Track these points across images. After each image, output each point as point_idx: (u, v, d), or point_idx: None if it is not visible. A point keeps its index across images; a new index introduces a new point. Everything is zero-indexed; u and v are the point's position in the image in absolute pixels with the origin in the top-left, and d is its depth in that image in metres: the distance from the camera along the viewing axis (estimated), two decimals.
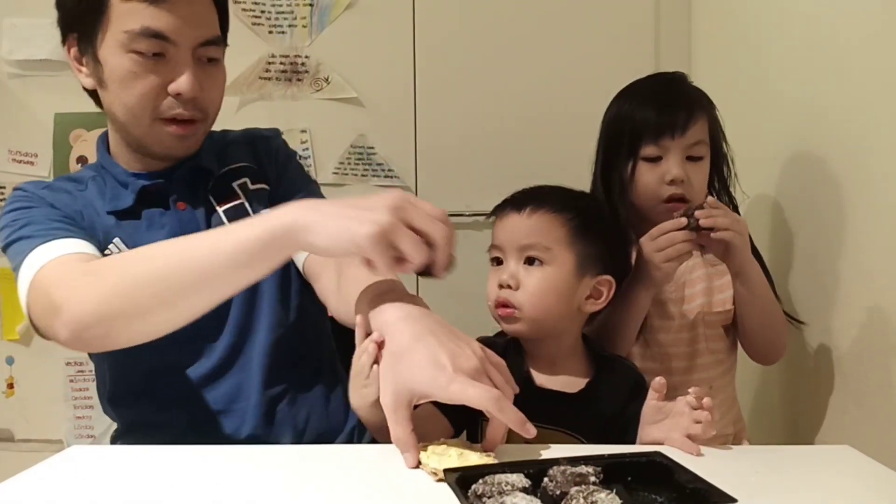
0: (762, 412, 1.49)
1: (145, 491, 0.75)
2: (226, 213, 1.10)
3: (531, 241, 1.01)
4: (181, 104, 1.02)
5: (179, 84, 1.00)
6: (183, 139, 1.05)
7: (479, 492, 0.67)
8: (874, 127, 1.10)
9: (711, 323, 1.21)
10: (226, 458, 0.85)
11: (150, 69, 1.00)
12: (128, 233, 1.05)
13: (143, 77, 1.00)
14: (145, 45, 0.98)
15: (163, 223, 1.07)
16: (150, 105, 1.01)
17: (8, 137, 1.97)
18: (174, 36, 0.99)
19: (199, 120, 1.05)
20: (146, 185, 1.08)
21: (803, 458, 0.86)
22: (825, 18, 1.25)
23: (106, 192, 1.09)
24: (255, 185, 1.14)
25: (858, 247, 1.15)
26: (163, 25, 0.98)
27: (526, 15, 1.96)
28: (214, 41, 1.04)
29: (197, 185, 1.11)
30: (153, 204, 1.08)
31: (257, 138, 1.21)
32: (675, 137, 1.16)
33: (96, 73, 1.03)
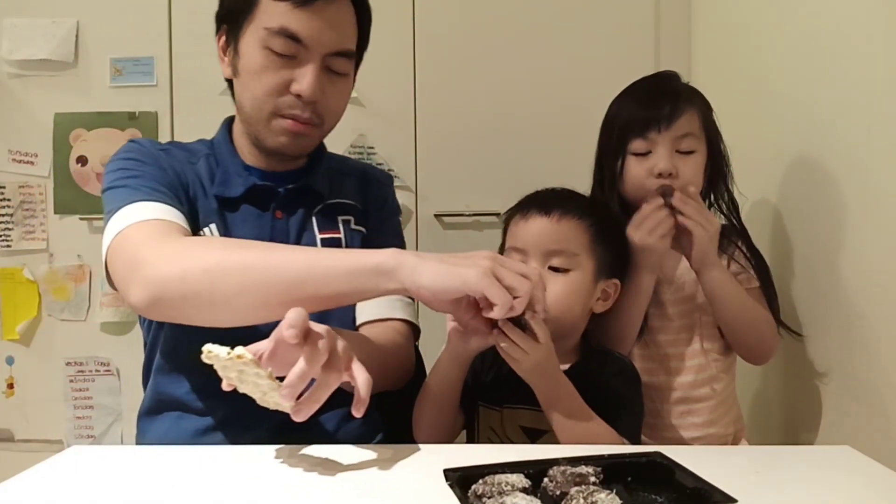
0: (762, 412, 1.48)
1: (145, 491, 0.75)
2: (323, 241, 1.12)
3: (561, 246, 1.02)
4: (300, 105, 1.05)
5: (301, 85, 1.04)
6: (296, 137, 1.08)
7: (479, 492, 0.68)
8: (874, 128, 1.10)
9: (708, 323, 1.21)
10: (226, 458, 0.85)
11: (280, 66, 1.04)
12: (224, 221, 1.08)
13: (272, 72, 1.04)
14: (279, 44, 1.03)
15: (256, 224, 1.09)
16: (272, 99, 1.05)
17: (8, 137, 1.97)
18: (308, 40, 1.03)
19: (315, 124, 1.08)
20: (258, 182, 1.10)
21: (803, 458, 0.87)
22: (825, 19, 1.25)
23: (216, 175, 1.11)
24: (356, 226, 1.17)
25: (858, 247, 1.15)
26: (299, 28, 1.02)
27: (526, 15, 1.96)
28: (346, 53, 1.08)
29: (303, 202, 1.13)
30: (255, 202, 1.10)
31: (371, 181, 1.24)
32: (661, 130, 1.16)
33: (234, 63, 1.08)
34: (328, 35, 1.04)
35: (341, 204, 1.17)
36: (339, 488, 0.75)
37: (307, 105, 1.05)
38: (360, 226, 1.18)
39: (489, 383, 1.06)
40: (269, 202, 1.11)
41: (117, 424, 1.97)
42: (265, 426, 0.98)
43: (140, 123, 1.94)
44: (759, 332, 1.19)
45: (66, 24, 1.93)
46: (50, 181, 1.97)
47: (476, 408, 1.06)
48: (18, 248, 1.98)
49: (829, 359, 1.23)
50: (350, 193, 1.19)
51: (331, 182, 1.18)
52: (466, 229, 1.96)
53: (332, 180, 1.18)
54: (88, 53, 1.93)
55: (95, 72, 1.93)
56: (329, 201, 1.16)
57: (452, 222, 1.97)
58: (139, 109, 1.95)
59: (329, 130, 1.14)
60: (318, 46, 1.04)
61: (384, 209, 1.24)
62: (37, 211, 1.98)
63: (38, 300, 1.98)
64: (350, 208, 1.18)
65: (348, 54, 1.09)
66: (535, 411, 1.00)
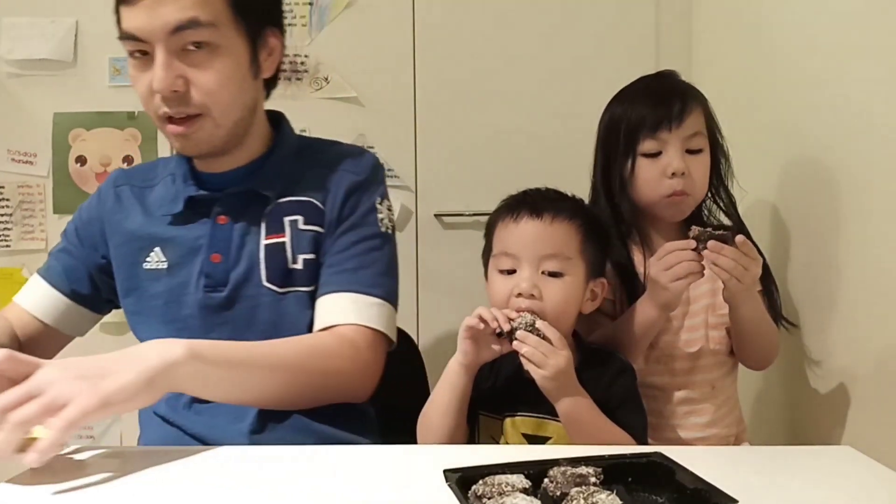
0: (763, 412, 1.48)
1: (145, 491, 0.75)
2: (267, 247, 1.06)
3: (555, 250, 1.00)
4: (166, 102, 0.99)
5: (153, 82, 0.97)
6: (185, 138, 1.01)
7: (479, 492, 0.67)
8: (874, 127, 1.10)
9: (714, 325, 1.20)
10: (225, 458, 0.85)
11: (142, 69, 1.00)
12: (170, 238, 1.08)
13: (138, 79, 1.01)
14: (128, 47, 1.00)
15: (198, 234, 1.08)
16: (149, 107, 1.01)
17: (7, 137, 1.96)
18: (141, 33, 0.97)
19: (198, 115, 1.00)
20: (193, 195, 1.08)
21: (803, 458, 0.86)
22: (825, 19, 1.25)
23: (168, 195, 1.11)
24: (306, 226, 1.07)
25: (858, 247, 1.15)
26: (131, 24, 0.97)
27: (526, 15, 1.95)
28: (188, 24, 0.96)
29: (251, 204, 1.08)
30: (196, 213, 1.08)
31: (338, 177, 1.10)
32: (672, 129, 1.15)
33: None
34: (157, 18, 0.95)
35: (292, 203, 1.08)
36: (339, 488, 0.75)
37: (171, 99, 0.98)
38: (312, 225, 1.07)
39: (488, 391, 1.04)
40: (211, 208, 1.08)
41: (117, 425, 1.97)
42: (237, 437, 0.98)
43: (139, 123, 1.94)
44: (768, 346, 1.19)
45: (66, 24, 1.92)
46: (49, 181, 1.97)
47: (476, 416, 1.05)
48: (17, 248, 1.98)
49: (830, 359, 1.23)
50: (308, 188, 1.09)
51: (286, 178, 1.09)
52: (466, 229, 1.96)
53: (287, 176, 1.10)
54: (88, 53, 1.92)
55: (95, 71, 1.93)
56: (280, 200, 1.08)
57: (452, 222, 1.97)
58: (138, 109, 1.94)
59: (227, 115, 1.02)
60: (152, 34, 0.96)
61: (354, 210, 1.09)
62: (36, 211, 1.97)
63: None
64: (303, 206, 1.08)
65: (193, 24, 0.96)
66: (538, 418, 0.99)
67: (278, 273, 1.06)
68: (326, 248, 1.07)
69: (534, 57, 1.95)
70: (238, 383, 0.94)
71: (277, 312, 1.05)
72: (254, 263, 1.06)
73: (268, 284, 1.05)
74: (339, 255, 1.07)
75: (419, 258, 1.99)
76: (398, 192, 1.97)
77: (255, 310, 1.05)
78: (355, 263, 1.07)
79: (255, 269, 1.06)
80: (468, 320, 0.97)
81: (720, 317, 1.19)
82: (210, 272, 1.06)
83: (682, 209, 1.19)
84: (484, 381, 1.04)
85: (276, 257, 1.06)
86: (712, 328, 1.20)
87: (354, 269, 1.06)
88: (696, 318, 1.20)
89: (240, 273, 1.06)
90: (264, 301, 1.05)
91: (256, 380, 0.95)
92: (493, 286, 1.04)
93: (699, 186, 1.18)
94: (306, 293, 1.07)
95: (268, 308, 1.05)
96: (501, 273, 1.03)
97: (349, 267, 1.06)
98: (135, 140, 1.95)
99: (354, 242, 1.08)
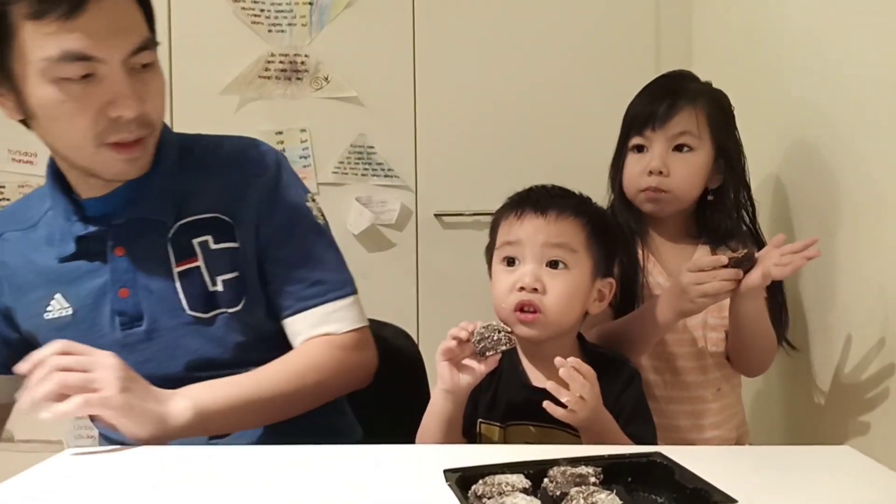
0: (763, 413, 1.48)
1: (145, 491, 0.75)
2: (180, 274, 1.00)
3: (560, 241, 0.99)
4: (124, 126, 0.91)
5: (119, 106, 0.89)
6: (134, 161, 0.95)
7: (479, 492, 0.67)
8: (874, 127, 1.10)
9: (714, 326, 1.20)
10: (225, 458, 0.85)
11: (80, 94, 0.88)
12: (68, 282, 1.01)
13: (75, 104, 0.88)
14: (70, 71, 0.86)
15: (96, 274, 1.00)
16: (90, 133, 0.90)
17: (7, 137, 1.96)
18: (100, 53, 0.87)
19: (147, 135, 0.95)
20: (81, 234, 0.99)
21: (803, 458, 0.86)
22: (825, 18, 1.25)
23: (55, 234, 1.01)
24: (219, 244, 1.01)
25: (859, 246, 1.15)
26: (84, 45, 0.85)
27: (526, 15, 1.95)
28: (145, 45, 0.92)
29: (147, 230, 1.00)
30: (90, 251, 1.00)
31: (242, 182, 1.03)
32: (656, 128, 1.18)
33: (20, 106, 0.91)
34: (117, 36, 0.88)
35: (195, 222, 1.01)
36: (339, 488, 0.75)
37: (132, 122, 0.91)
38: (225, 242, 1.01)
39: (489, 400, 1.02)
40: (105, 243, 0.99)
41: None
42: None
43: None
44: (763, 353, 1.19)
45: None
46: None
47: (477, 425, 1.03)
48: None
49: (830, 359, 1.23)
50: (207, 203, 1.01)
51: (177, 196, 1.01)
52: (466, 229, 1.96)
53: (177, 194, 1.01)
54: None
55: None
56: (181, 222, 1.00)
57: (452, 222, 1.97)
58: None
59: (160, 129, 0.99)
60: (113, 53, 0.88)
61: (262, 206, 1.03)
62: None
63: None
64: (208, 224, 1.01)
65: (147, 44, 0.92)
66: (542, 427, 0.98)
67: (199, 299, 1.00)
68: (264, 263, 1.03)
69: (534, 57, 1.95)
70: (241, 420, 0.97)
71: (204, 338, 1.01)
72: (169, 293, 1.00)
73: (192, 312, 1.00)
74: (288, 269, 1.03)
75: (419, 258, 1.99)
76: (398, 192, 1.98)
77: (180, 339, 1.01)
78: (308, 273, 1.04)
79: (173, 299, 1.00)
80: (442, 344, 0.92)
81: (721, 319, 1.19)
82: (122, 309, 1.00)
83: (660, 206, 1.21)
84: (483, 391, 1.01)
85: (193, 283, 1.00)
86: (711, 329, 1.20)
87: (312, 282, 1.03)
88: (696, 317, 1.20)
89: (154, 305, 1.00)
90: (189, 329, 1.01)
91: (259, 412, 0.98)
92: (496, 280, 1.02)
93: (681, 184, 1.18)
94: (234, 314, 1.02)
95: (193, 335, 1.01)
96: (504, 266, 1.01)
97: (305, 279, 1.03)
98: None
99: (297, 251, 1.04)
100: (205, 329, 1.01)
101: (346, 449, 0.88)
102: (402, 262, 1.97)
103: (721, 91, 1.26)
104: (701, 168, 1.19)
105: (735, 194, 1.23)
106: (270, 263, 1.03)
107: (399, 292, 1.96)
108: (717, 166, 1.21)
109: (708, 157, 1.20)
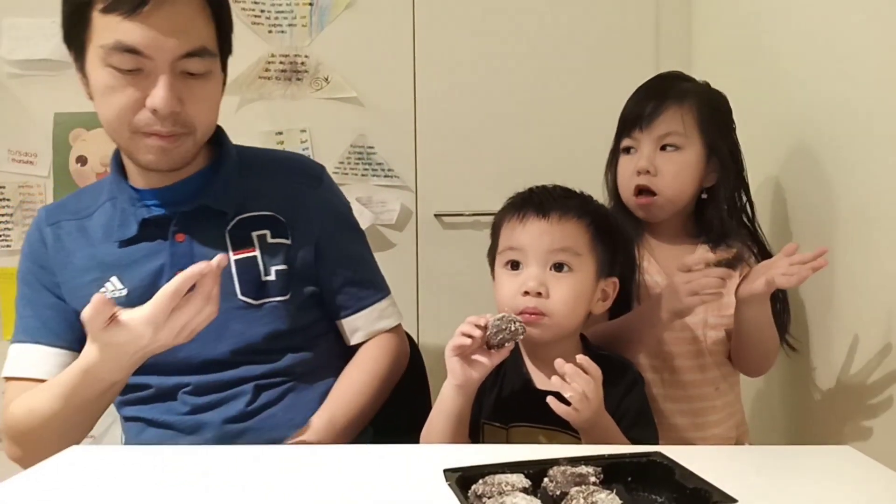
0: (763, 412, 1.48)
1: (145, 491, 0.75)
2: (237, 262, 1.08)
3: (564, 245, 0.99)
4: (159, 120, 0.98)
5: (154, 99, 0.97)
6: (165, 152, 1.02)
7: (479, 492, 0.67)
8: (874, 128, 1.10)
9: (714, 325, 1.20)
10: (225, 458, 0.85)
11: (128, 83, 0.97)
12: (127, 264, 1.07)
13: (120, 91, 0.98)
14: (119, 60, 0.96)
15: (155, 257, 1.06)
16: (126, 119, 0.99)
17: (8, 137, 1.96)
18: (148, 50, 0.95)
19: (183, 134, 1.02)
20: (146, 217, 1.07)
21: (803, 458, 0.86)
22: (824, 18, 1.25)
23: (115, 218, 1.09)
24: (274, 239, 1.11)
25: (858, 247, 1.15)
26: (136, 40, 0.95)
27: (526, 15, 1.95)
28: (197, 53, 0.99)
29: (208, 221, 1.08)
30: (152, 234, 1.07)
31: (293, 184, 1.15)
32: (643, 129, 1.19)
33: (87, 87, 1.02)
34: (170, 41, 0.96)
35: (255, 218, 1.11)
36: (339, 488, 0.75)
37: (166, 118, 0.98)
38: (280, 238, 1.11)
39: (493, 402, 1.03)
40: (167, 228, 1.07)
41: (117, 425, 1.95)
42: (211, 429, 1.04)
43: None
44: (766, 355, 1.19)
45: None
46: (50, 181, 1.97)
47: (480, 426, 1.03)
48: (18, 248, 1.95)
49: (830, 359, 1.23)
50: (266, 203, 1.12)
51: (238, 193, 1.11)
52: (466, 229, 1.96)
53: (239, 191, 1.11)
54: None
55: None
56: (241, 216, 1.10)
57: (452, 222, 1.97)
58: None
59: (206, 135, 1.07)
60: (161, 54, 0.96)
61: (318, 216, 1.15)
62: (36, 211, 1.97)
63: None
64: (267, 221, 1.11)
65: (201, 53, 1.00)
66: (547, 430, 0.98)
67: (252, 286, 1.08)
68: (321, 268, 1.14)
69: (533, 57, 1.95)
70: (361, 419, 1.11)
71: (250, 323, 1.08)
72: (224, 277, 1.02)
73: (243, 297, 1.08)
74: (344, 273, 1.16)
75: (419, 258, 1.99)
76: (398, 192, 1.98)
77: (228, 322, 1.05)
78: (361, 275, 1.19)
79: (227, 283, 1.05)
80: (453, 340, 0.94)
81: (721, 318, 1.19)
82: None
83: (651, 213, 1.22)
84: (487, 393, 1.02)
85: (248, 271, 1.08)
86: (711, 328, 1.20)
87: (365, 284, 1.19)
88: (696, 316, 1.19)
89: None
90: (238, 314, 1.07)
91: (368, 414, 1.13)
92: (500, 285, 1.02)
93: (669, 183, 1.18)
94: (280, 303, 1.10)
95: (240, 319, 1.07)
96: (508, 271, 1.01)
97: (360, 281, 1.18)
98: None
99: (349, 255, 1.18)
100: (252, 314, 1.08)
101: (347, 449, 0.89)
102: (402, 263, 1.97)
103: (717, 91, 1.26)
104: (689, 166, 1.19)
105: (729, 193, 1.23)
106: (328, 268, 1.15)
107: (399, 292, 1.92)
108: (711, 165, 1.21)
109: (697, 156, 1.19)
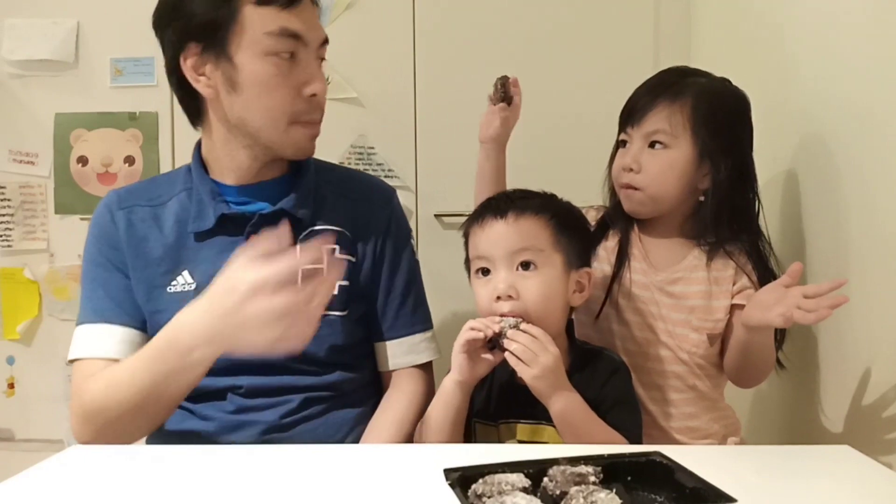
0: (763, 413, 1.48)
1: (145, 491, 0.75)
2: (304, 271, 1.06)
3: (525, 244, 1.01)
4: (315, 107, 1.07)
5: (314, 85, 1.05)
6: (313, 140, 1.11)
7: (479, 491, 0.68)
8: (876, 125, 1.10)
9: (697, 328, 1.17)
10: (225, 458, 0.85)
11: (287, 72, 1.04)
12: (199, 258, 1.08)
13: (282, 78, 1.03)
14: (282, 45, 1.02)
15: (229, 254, 1.04)
16: (288, 109, 1.05)
17: (8, 137, 1.97)
18: (306, 36, 1.04)
19: (320, 120, 1.10)
20: (226, 212, 1.09)
21: (803, 458, 0.87)
22: (824, 18, 1.25)
23: (191, 210, 1.10)
24: (341, 255, 1.12)
25: (858, 246, 1.15)
26: (297, 26, 1.03)
27: (525, 15, 1.95)
28: (327, 41, 1.10)
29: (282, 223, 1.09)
30: (228, 230, 1.09)
31: (365, 203, 1.19)
32: (633, 126, 1.20)
33: (228, 79, 1.04)
34: (316, 27, 1.07)
35: (326, 231, 1.13)
36: (339, 488, 0.75)
37: (319, 105, 1.08)
38: (346, 254, 1.13)
39: (483, 400, 1.05)
40: (244, 227, 1.08)
41: None
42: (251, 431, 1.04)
43: (140, 124, 1.94)
44: (762, 372, 1.19)
45: (67, 25, 1.92)
46: (50, 181, 1.97)
47: (472, 425, 1.05)
48: (19, 248, 1.98)
49: (830, 359, 1.23)
50: (337, 218, 1.15)
51: (314, 204, 1.14)
52: None
53: (316, 202, 1.14)
54: (89, 54, 1.92)
55: (96, 72, 1.93)
56: (314, 227, 1.12)
57: (452, 222, 1.97)
58: (140, 110, 1.95)
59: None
60: (313, 40, 1.06)
61: (387, 236, 1.18)
62: (37, 211, 1.98)
63: (39, 300, 1.98)
64: (336, 235, 1.13)
65: (327, 41, 1.11)
66: (532, 424, 1.00)
67: None
68: (377, 287, 1.16)
69: (533, 57, 1.95)
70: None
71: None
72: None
73: None
74: (398, 296, 1.17)
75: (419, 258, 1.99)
76: (398, 192, 1.97)
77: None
78: (412, 302, 1.19)
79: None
80: (465, 335, 0.97)
81: (706, 322, 1.17)
82: None
83: (633, 206, 1.21)
84: (478, 391, 1.04)
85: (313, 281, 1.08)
86: (693, 330, 1.18)
87: (414, 311, 1.19)
88: (680, 313, 1.18)
89: None
90: None
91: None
92: (476, 293, 1.05)
93: (651, 181, 1.17)
94: (338, 317, 1.10)
95: None
96: (480, 278, 1.04)
97: (410, 308, 1.18)
98: (136, 141, 1.95)
99: (405, 281, 1.19)
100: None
101: (347, 449, 0.89)
102: None
103: (728, 90, 1.22)
104: (675, 166, 1.16)
105: (724, 197, 1.18)
106: (384, 288, 1.16)
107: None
108: (704, 167, 1.18)
109: (685, 156, 1.16)
